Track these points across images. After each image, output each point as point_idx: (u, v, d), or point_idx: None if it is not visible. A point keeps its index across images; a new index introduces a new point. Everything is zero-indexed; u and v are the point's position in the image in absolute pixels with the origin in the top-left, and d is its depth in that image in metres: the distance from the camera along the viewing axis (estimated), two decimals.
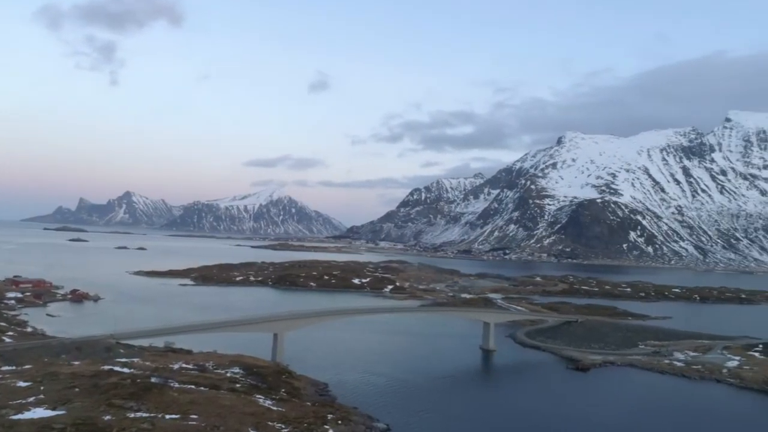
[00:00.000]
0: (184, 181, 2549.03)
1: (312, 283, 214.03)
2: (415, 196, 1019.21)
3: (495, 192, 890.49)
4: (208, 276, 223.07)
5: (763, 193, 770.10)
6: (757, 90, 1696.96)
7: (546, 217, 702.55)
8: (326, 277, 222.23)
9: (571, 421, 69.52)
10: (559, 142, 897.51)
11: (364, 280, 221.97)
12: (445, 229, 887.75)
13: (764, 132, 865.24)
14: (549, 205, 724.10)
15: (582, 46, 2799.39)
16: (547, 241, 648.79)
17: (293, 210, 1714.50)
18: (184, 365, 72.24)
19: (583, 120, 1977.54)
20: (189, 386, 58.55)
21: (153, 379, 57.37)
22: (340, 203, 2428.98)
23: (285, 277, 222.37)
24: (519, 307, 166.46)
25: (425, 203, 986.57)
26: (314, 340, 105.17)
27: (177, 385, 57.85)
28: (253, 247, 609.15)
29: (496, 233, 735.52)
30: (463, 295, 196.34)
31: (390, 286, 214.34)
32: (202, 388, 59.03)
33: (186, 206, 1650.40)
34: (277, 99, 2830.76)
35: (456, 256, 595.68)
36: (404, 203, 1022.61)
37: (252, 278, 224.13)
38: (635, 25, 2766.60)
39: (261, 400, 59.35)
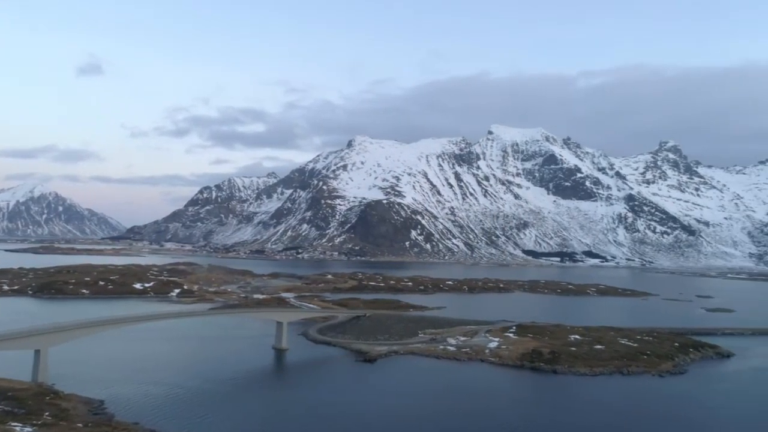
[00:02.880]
0: None
1: (84, 290, 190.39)
2: (205, 195, 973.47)
3: (288, 192, 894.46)
4: None
5: (516, 197, 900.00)
6: (512, 107, 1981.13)
7: (337, 217, 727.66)
8: (102, 283, 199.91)
9: (357, 408, 73.34)
10: (350, 145, 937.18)
11: (147, 285, 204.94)
12: (237, 229, 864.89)
13: (517, 144, 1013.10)
14: (340, 205, 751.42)
15: (369, 55, 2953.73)
16: (338, 239, 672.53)
17: (60, 208, 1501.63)
18: None
19: (371, 125, 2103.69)
20: None
21: None
22: (119, 201, 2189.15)
23: (50, 285, 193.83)
24: (311, 305, 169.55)
25: (216, 202, 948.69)
26: (87, 353, 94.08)
27: None
28: (7, 250, 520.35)
29: (289, 233, 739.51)
30: (256, 296, 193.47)
31: (177, 290, 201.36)
32: None
33: None
34: (36, 81, 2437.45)
35: (249, 256, 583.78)
36: (193, 202, 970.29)
37: (6, 287, 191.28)
38: (415, 39, 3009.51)
39: (18, 428, 51.29)
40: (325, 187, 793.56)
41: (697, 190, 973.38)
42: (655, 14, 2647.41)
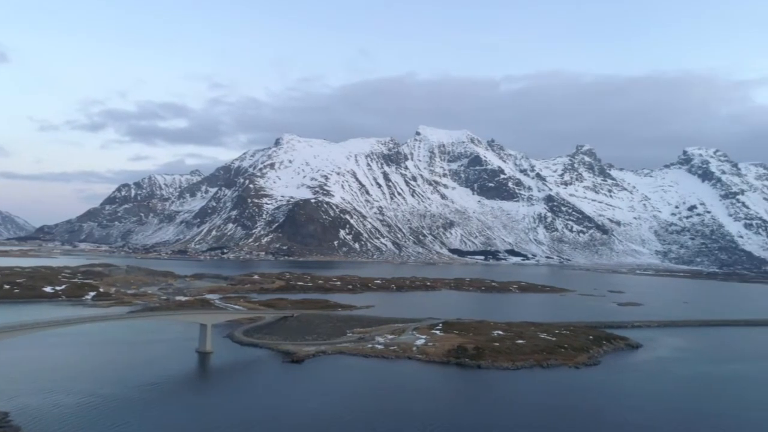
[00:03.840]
0: None
1: None
2: (123, 193, 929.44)
3: (213, 190, 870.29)
4: None
5: (443, 197, 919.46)
6: (439, 109, 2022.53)
7: (264, 216, 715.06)
8: (7, 287, 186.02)
9: (284, 411, 72.39)
10: (277, 143, 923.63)
11: (58, 288, 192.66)
12: (158, 229, 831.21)
13: (443, 146, 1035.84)
14: (267, 204, 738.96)
15: (296, 52, 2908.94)
16: (266, 239, 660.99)
17: None
18: None
19: (298, 123, 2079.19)
20: None
21: None
22: (27, 199, 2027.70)
23: None
24: (237, 306, 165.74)
25: (136, 200, 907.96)
26: None
27: None
28: None
29: (214, 232, 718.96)
30: (179, 298, 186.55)
31: (92, 293, 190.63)
32: None
33: None
34: None
35: (171, 256, 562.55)
36: (110, 200, 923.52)
37: None
38: (343, 38, 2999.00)
39: None
40: (251, 186, 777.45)
41: (609, 191, 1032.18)
42: (572, 24, 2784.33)
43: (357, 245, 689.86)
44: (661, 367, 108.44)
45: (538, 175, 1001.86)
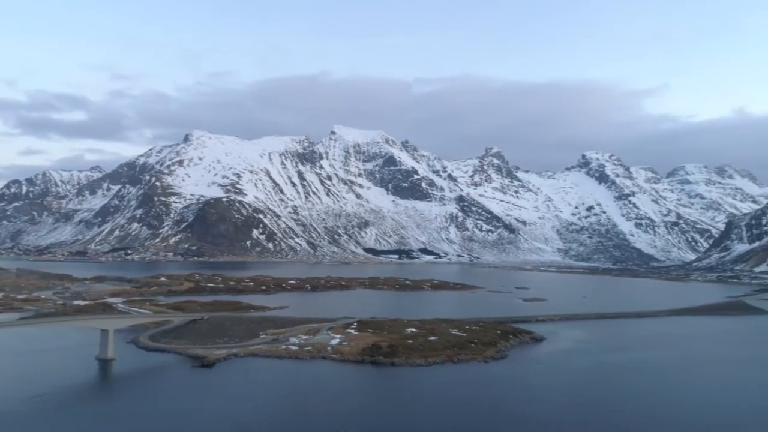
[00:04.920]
0: None
1: None
2: (13, 189, 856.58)
3: (116, 188, 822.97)
4: None
5: (358, 196, 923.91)
6: (354, 109, 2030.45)
7: (172, 216, 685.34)
8: None
9: (193, 417, 69.91)
10: (187, 139, 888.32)
11: None
12: (53, 229, 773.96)
13: (358, 145, 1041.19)
14: (175, 203, 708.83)
15: (205, 46, 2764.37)
16: (174, 239, 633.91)
17: None
18: None
19: (209, 119, 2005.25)
20: None
21: None
22: None
23: None
24: (142, 310, 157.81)
25: (27, 198, 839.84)
26: None
27: None
28: None
29: (117, 232, 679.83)
30: (77, 302, 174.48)
31: None
32: None
33: None
34: None
35: (68, 258, 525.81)
36: None
37: None
38: (254, 33, 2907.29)
39: None
40: (158, 184, 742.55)
41: (516, 192, 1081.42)
42: (480, 30, 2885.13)
43: (271, 245, 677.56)
44: (562, 358, 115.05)
45: (450, 176, 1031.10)
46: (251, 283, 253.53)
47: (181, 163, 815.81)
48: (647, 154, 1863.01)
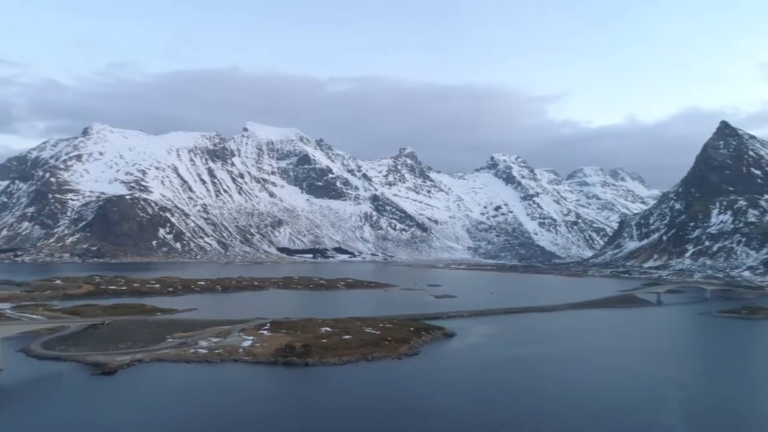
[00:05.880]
0: None
1: None
2: None
3: (4, 183, 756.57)
4: None
5: (271, 195, 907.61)
6: (267, 106, 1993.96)
7: (69, 214, 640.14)
8: None
9: (88, 429, 65.92)
10: (86, 133, 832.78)
11: None
12: None
13: (272, 143, 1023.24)
14: (73, 200, 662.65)
15: (104, 33, 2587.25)
16: (71, 239, 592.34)
17: None
18: None
19: (110, 112, 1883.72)
20: None
21: None
22: None
23: None
24: (35, 315, 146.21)
25: None
26: None
27: None
28: None
29: (5, 232, 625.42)
30: None
31: None
32: None
33: None
34: None
35: None
36: None
37: None
38: (158, 21, 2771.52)
39: None
40: (53, 180, 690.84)
41: (429, 192, 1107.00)
42: (392, 32, 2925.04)
43: (179, 245, 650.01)
44: (471, 353, 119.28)
45: (365, 176, 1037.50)
46: (157, 285, 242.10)
47: (79, 157, 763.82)
48: (550, 157, 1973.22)
